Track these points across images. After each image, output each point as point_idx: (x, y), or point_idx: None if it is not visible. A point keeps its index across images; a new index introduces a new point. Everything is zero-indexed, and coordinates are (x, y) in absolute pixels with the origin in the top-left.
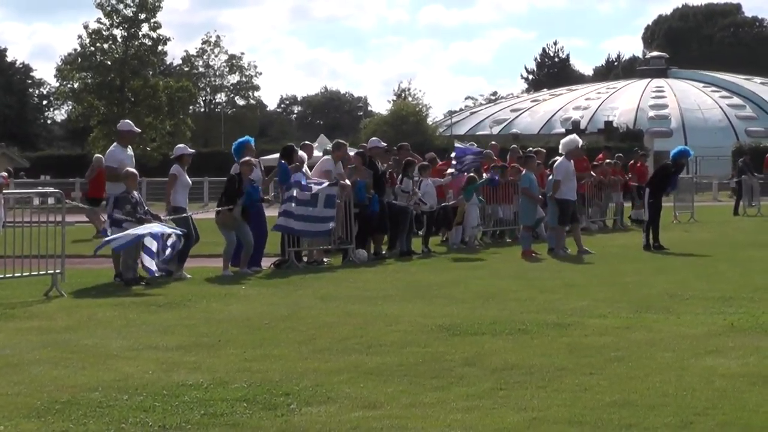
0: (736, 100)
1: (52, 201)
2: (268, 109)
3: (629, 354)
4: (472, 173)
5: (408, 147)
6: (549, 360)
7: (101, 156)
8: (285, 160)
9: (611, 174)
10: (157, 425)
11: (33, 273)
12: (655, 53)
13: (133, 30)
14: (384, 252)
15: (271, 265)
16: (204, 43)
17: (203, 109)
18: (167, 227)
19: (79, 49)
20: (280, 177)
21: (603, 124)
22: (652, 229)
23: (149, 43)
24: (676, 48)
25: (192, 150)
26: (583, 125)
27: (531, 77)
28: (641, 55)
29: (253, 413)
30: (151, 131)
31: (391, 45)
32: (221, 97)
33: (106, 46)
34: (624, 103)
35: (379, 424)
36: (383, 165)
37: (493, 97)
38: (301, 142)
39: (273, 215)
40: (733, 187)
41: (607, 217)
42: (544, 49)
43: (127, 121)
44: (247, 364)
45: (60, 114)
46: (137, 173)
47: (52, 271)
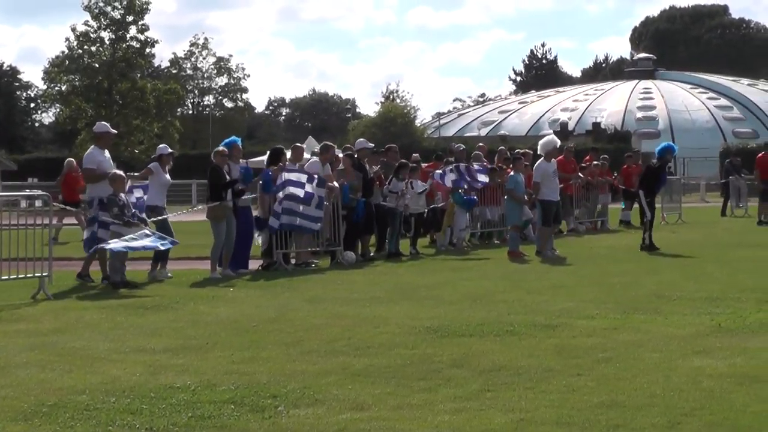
0: (724, 102)
1: (39, 204)
2: (257, 111)
3: (617, 355)
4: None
5: (396, 149)
6: (537, 361)
7: (72, 160)
8: (272, 161)
9: (599, 175)
10: (145, 428)
11: (20, 276)
12: (642, 55)
13: (120, 32)
14: (372, 254)
15: (259, 267)
16: (192, 45)
17: (191, 112)
18: (159, 240)
19: (66, 51)
20: (263, 185)
21: (591, 126)
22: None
23: (137, 45)
24: (663, 49)
25: (171, 150)
26: (571, 127)
27: (519, 79)
28: (629, 57)
29: (241, 415)
30: (138, 134)
31: (380, 46)
32: (209, 99)
33: (93, 49)
34: (612, 104)
35: (367, 426)
36: (372, 167)
37: (481, 99)
38: (291, 144)
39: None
40: (721, 188)
41: (594, 218)
42: (532, 51)
43: (104, 123)
44: (235, 367)
45: (48, 117)
46: (125, 175)
47: (39, 274)
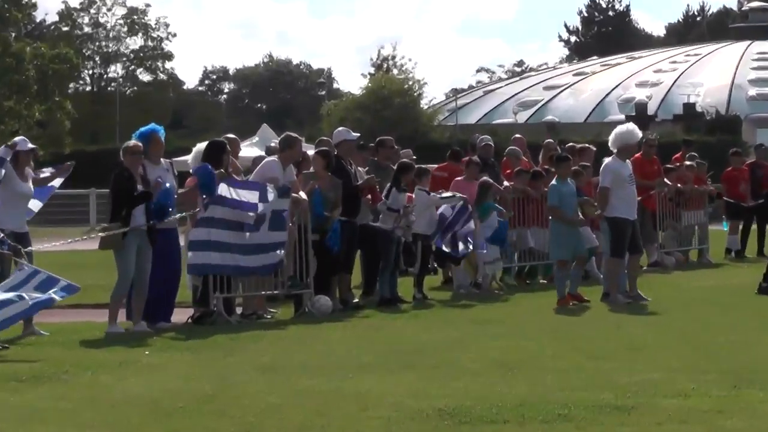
0: None
1: None
2: (186, 87)
3: None
4: (485, 177)
5: (392, 143)
6: None
7: None
8: (210, 163)
9: (693, 182)
10: None
11: None
12: (756, 3)
13: None
14: (356, 299)
15: (188, 319)
16: None
17: (90, 88)
18: (49, 286)
19: None
20: (202, 186)
21: (681, 108)
22: None
23: None
24: None
25: (33, 146)
26: (651, 110)
27: (573, 40)
28: (736, 7)
29: None
30: (12, 120)
31: None
32: (116, 69)
33: None
34: (711, 77)
35: None
36: (358, 169)
37: (518, 70)
38: (230, 136)
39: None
40: None
41: (687, 246)
42: None
43: None
44: None
45: None
46: None
47: None
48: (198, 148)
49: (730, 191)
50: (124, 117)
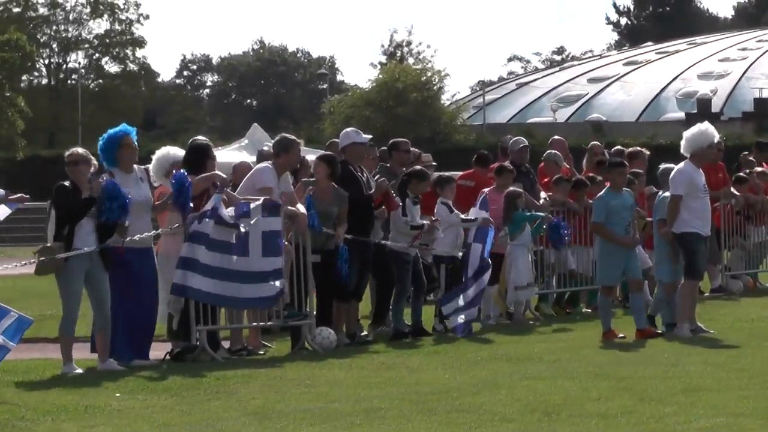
0: None
1: None
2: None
3: None
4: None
5: (408, 146)
6: None
7: None
8: (190, 168)
9: (765, 192)
10: None
11: None
12: None
13: None
14: (365, 333)
15: (166, 355)
16: None
17: (47, 81)
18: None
19: None
20: (175, 195)
21: (751, 105)
22: None
23: None
24: None
25: None
26: (716, 107)
27: (624, 22)
28: None
29: None
30: None
31: None
32: (78, 59)
33: None
34: None
35: None
36: (370, 177)
37: (558, 59)
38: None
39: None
40: None
41: (757, 268)
42: None
43: None
44: None
45: None
46: None
47: None
48: (159, 154)
49: None
50: (88, 116)
